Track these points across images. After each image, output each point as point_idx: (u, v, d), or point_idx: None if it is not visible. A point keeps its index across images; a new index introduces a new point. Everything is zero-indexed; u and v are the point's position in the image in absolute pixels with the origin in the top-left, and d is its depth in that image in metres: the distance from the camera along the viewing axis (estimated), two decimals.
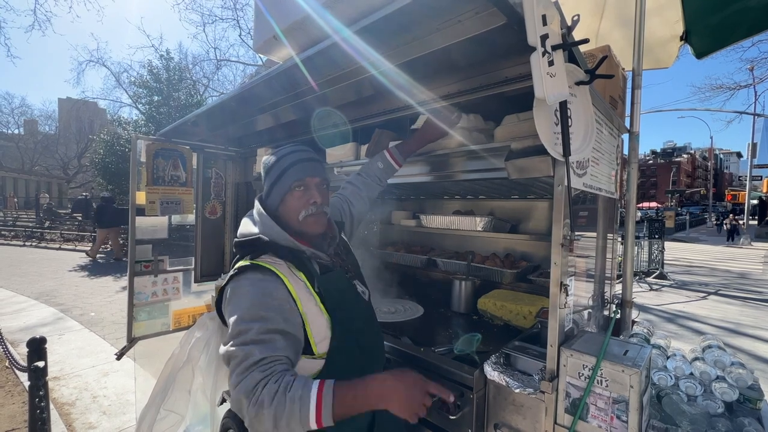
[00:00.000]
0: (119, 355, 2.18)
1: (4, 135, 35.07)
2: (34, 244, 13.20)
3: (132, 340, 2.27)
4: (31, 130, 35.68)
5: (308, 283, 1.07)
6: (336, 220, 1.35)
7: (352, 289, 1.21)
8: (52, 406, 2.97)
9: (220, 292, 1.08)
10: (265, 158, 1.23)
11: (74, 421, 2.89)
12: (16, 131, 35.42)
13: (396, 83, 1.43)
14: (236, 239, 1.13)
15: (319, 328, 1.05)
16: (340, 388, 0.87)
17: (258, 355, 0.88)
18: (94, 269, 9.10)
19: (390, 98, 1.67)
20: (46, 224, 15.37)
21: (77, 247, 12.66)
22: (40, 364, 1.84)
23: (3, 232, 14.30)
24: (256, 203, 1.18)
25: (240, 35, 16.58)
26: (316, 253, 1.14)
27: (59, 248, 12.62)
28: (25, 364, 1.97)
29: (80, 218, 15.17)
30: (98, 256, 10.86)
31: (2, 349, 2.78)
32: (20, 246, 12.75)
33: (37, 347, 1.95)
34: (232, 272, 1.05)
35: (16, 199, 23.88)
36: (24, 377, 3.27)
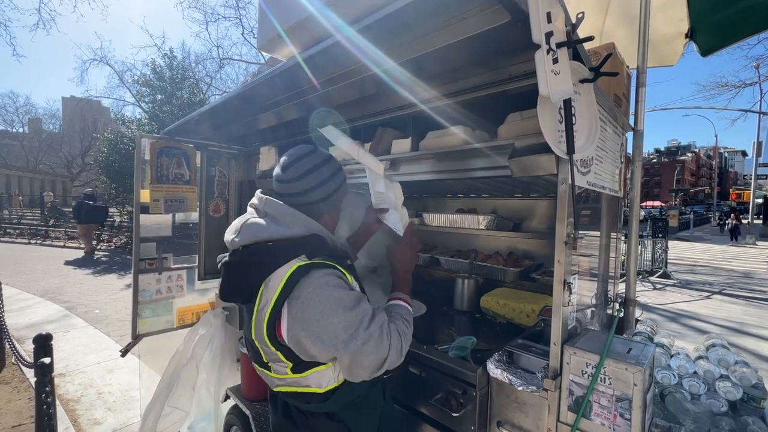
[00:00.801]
0: (124, 352, 2.20)
1: (9, 134, 35.32)
2: (38, 241, 13.30)
3: (136, 337, 2.29)
4: (36, 129, 35.88)
5: (350, 278, 1.11)
6: None
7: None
8: (57, 402, 3.00)
9: (284, 288, 0.98)
10: (319, 155, 1.19)
11: (80, 417, 2.91)
12: (21, 130, 35.66)
13: (399, 81, 1.43)
14: (282, 238, 1.04)
15: None
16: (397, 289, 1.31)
17: (380, 317, 1.04)
18: (99, 267, 9.16)
19: (393, 96, 1.67)
20: (51, 222, 15.48)
21: (81, 245, 12.76)
22: (46, 360, 1.86)
23: (8, 230, 14.42)
24: (281, 203, 1.10)
25: (242, 33, 16.61)
26: (350, 254, 1.21)
27: (64, 246, 12.72)
28: (31, 360, 1.99)
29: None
30: (102, 253, 10.94)
31: (9, 346, 2.81)
32: (25, 244, 12.86)
33: (43, 344, 1.97)
34: (292, 270, 0.99)
35: (21, 198, 24.03)
36: (30, 373, 3.31)
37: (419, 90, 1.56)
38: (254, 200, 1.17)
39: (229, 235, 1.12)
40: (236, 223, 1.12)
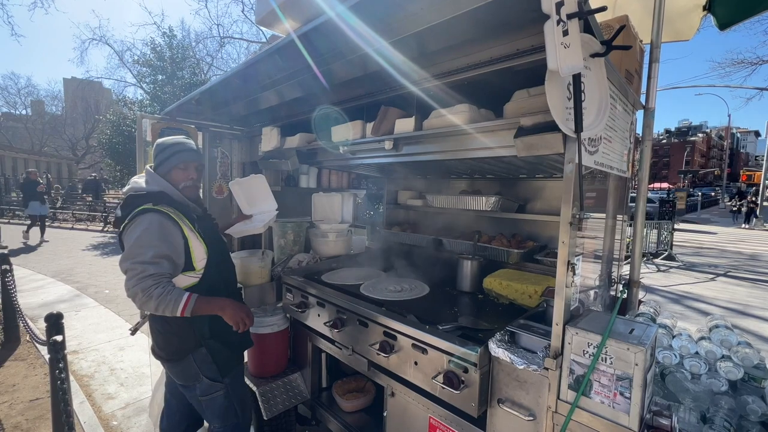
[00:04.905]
0: (133, 331, 2.24)
1: (13, 116, 35.24)
2: (47, 224, 13.47)
3: (145, 317, 2.32)
4: (38, 111, 35.75)
5: (191, 224, 1.58)
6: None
7: (217, 233, 1.80)
8: (72, 377, 3.10)
9: (123, 224, 1.50)
10: (161, 141, 1.65)
11: (94, 392, 3.02)
12: (24, 112, 35.55)
13: (402, 59, 1.39)
14: (132, 192, 1.54)
15: (199, 253, 1.58)
16: (200, 299, 1.50)
17: (151, 271, 1.40)
18: (107, 249, 9.30)
19: (396, 74, 1.62)
20: (58, 204, 15.63)
21: (89, 227, 12.92)
22: (59, 338, 1.91)
23: (17, 213, 14.59)
24: (148, 169, 1.59)
25: (243, 11, 16.17)
26: (195, 206, 1.67)
27: (72, 228, 12.89)
28: (44, 338, 2.05)
29: (90, 199, 15.40)
30: (110, 235, 11.08)
31: (23, 324, 2.89)
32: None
33: (55, 322, 2.02)
34: (136, 211, 1.47)
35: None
36: (44, 350, 3.42)
37: (423, 67, 1.51)
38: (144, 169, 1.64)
39: (125, 188, 1.62)
40: (130, 182, 1.61)
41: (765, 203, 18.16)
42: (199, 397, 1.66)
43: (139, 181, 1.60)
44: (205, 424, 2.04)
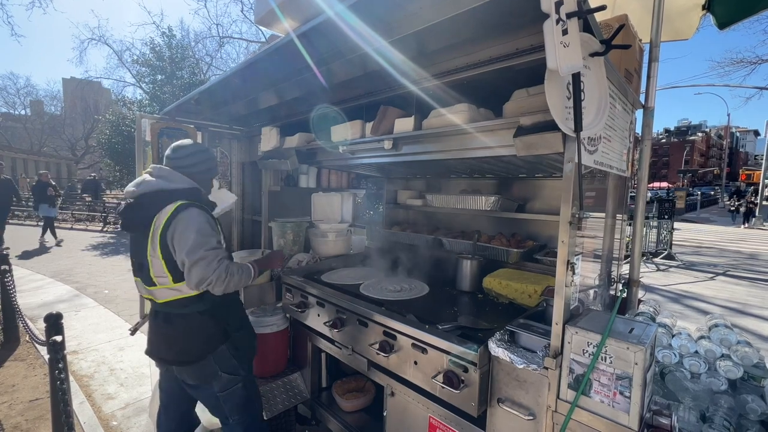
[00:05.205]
0: (133, 331, 2.25)
1: (12, 116, 35.16)
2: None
3: (145, 317, 2.33)
4: (38, 111, 35.66)
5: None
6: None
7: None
8: (71, 378, 3.10)
9: (165, 220, 1.49)
10: (199, 145, 1.75)
11: (94, 392, 3.02)
12: (23, 112, 35.48)
13: (401, 58, 1.39)
14: (157, 188, 1.55)
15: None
16: (256, 262, 1.74)
17: (222, 254, 1.55)
18: (107, 249, 9.29)
19: (395, 74, 1.62)
20: (57, 205, 15.59)
21: (88, 227, 12.90)
22: (58, 338, 1.90)
23: (16, 213, 14.57)
24: (167, 168, 1.63)
25: (242, 10, 16.16)
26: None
27: (71, 228, 12.87)
28: (44, 338, 2.04)
29: (90, 199, 15.36)
30: (110, 235, 11.07)
31: (22, 325, 2.88)
32: (34, 226, 13.01)
33: (54, 322, 2.02)
34: (178, 206, 1.51)
35: (28, 180, 24.17)
36: (44, 351, 3.41)
37: (422, 67, 1.51)
38: (149, 169, 1.65)
39: (129, 187, 1.59)
40: (136, 180, 1.60)
41: (764, 202, 18.16)
42: (217, 393, 1.67)
43: (150, 179, 1.59)
44: (204, 423, 2.04)
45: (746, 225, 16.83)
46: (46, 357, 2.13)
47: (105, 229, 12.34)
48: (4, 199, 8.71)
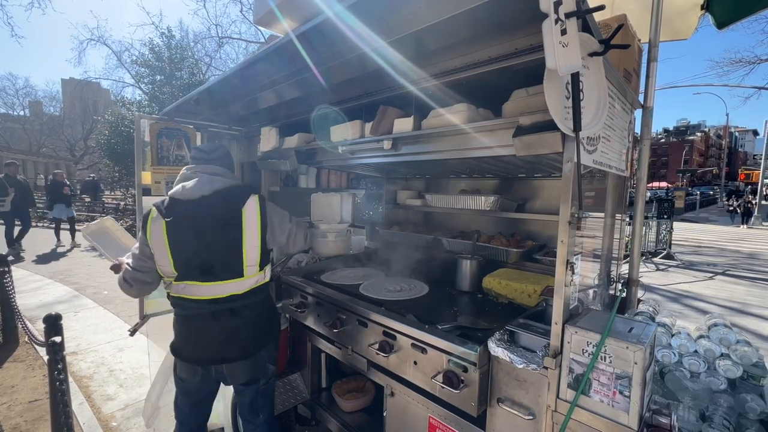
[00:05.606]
0: (132, 332, 2.24)
1: (11, 117, 35.10)
2: (45, 224, 13.43)
3: (144, 317, 2.33)
4: (37, 112, 35.61)
5: None
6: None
7: None
8: (71, 379, 3.10)
9: (260, 212, 1.65)
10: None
11: (93, 393, 3.02)
12: (22, 113, 35.42)
13: (400, 58, 1.39)
14: (229, 185, 1.65)
15: None
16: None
17: (295, 219, 1.84)
18: None
19: (394, 74, 1.62)
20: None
21: None
22: (57, 339, 1.90)
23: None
24: (221, 168, 1.71)
25: (241, 10, 16.14)
26: None
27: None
28: (43, 339, 2.04)
29: (89, 200, 15.34)
30: None
31: (21, 326, 2.88)
32: (33, 227, 12.99)
33: (54, 323, 2.01)
34: (257, 198, 1.66)
35: (28, 180, 24.11)
36: (43, 352, 3.41)
37: (421, 67, 1.51)
38: (192, 168, 1.68)
39: (193, 190, 1.59)
40: (189, 183, 1.61)
41: (764, 202, 18.19)
42: (262, 387, 1.72)
43: (216, 177, 1.67)
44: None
45: (745, 225, 16.87)
46: (46, 358, 2.13)
47: None
48: (24, 201, 8.62)
